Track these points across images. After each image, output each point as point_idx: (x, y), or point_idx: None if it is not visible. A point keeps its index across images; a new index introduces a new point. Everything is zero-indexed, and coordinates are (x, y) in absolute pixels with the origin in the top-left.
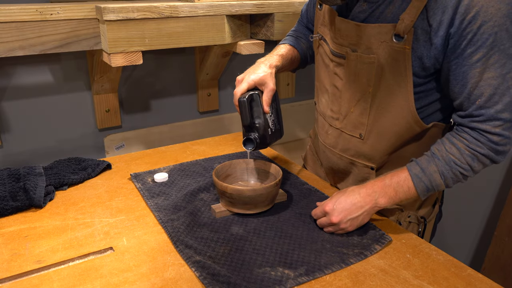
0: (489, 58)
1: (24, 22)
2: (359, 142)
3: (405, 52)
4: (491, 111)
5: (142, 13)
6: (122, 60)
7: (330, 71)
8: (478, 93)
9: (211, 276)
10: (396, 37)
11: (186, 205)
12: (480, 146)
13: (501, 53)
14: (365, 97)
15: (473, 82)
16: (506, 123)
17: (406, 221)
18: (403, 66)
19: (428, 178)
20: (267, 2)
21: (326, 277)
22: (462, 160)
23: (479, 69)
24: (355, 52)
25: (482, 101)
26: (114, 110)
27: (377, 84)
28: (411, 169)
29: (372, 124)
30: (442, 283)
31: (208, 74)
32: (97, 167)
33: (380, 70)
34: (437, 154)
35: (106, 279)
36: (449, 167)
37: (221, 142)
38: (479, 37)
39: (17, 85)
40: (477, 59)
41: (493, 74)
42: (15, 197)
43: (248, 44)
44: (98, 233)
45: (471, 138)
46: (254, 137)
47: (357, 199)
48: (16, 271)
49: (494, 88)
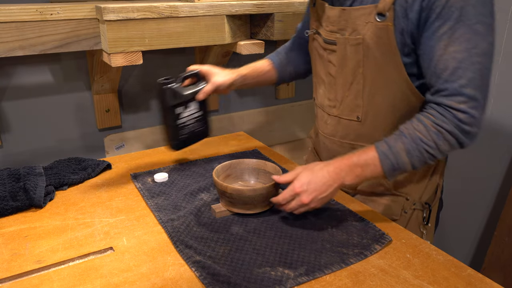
0: (455, 32)
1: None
2: (358, 124)
3: (388, 29)
4: (455, 85)
5: (142, 13)
6: (122, 60)
7: (324, 61)
8: (443, 67)
9: (211, 276)
10: (379, 16)
11: (186, 205)
12: (446, 122)
13: (466, 27)
14: (358, 78)
15: (438, 55)
16: (470, 100)
17: (411, 208)
18: (388, 42)
19: (395, 156)
20: (267, 2)
21: (326, 277)
22: (428, 137)
23: (444, 41)
24: (343, 36)
25: (447, 74)
26: (114, 110)
27: (367, 63)
28: (378, 147)
29: (368, 104)
30: (442, 283)
31: None
32: (97, 167)
33: (367, 49)
34: (405, 132)
35: (106, 279)
36: (416, 145)
37: (221, 142)
38: (446, 11)
39: (17, 85)
40: (443, 32)
41: (458, 48)
42: (15, 197)
43: (248, 44)
44: (98, 233)
45: (437, 113)
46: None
47: (326, 178)
48: (16, 271)
49: (458, 61)
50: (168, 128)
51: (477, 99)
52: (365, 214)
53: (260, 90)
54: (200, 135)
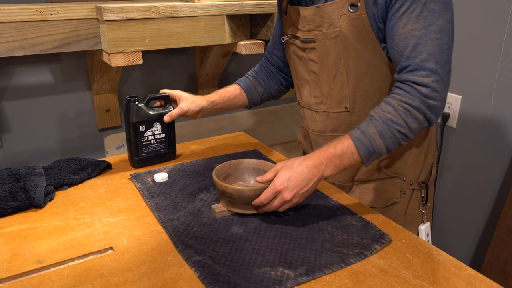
0: (413, 11)
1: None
2: (347, 115)
3: (362, 18)
4: (417, 60)
5: (142, 13)
6: (122, 60)
7: (305, 61)
8: (404, 45)
9: (211, 276)
10: (351, 7)
11: (186, 205)
12: (412, 99)
13: (423, 6)
14: (340, 70)
15: (399, 33)
16: (432, 74)
17: (409, 189)
18: (364, 30)
19: (369, 140)
20: (267, 2)
21: (326, 277)
22: (397, 116)
23: (403, 20)
24: (321, 31)
25: (408, 51)
26: (114, 110)
27: (347, 54)
28: (352, 134)
29: (354, 92)
30: (442, 283)
31: (208, 74)
32: (97, 167)
33: (345, 40)
34: (375, 116)
35: (106, 279)
36: (387, 126)
37: (221, 142)
38: None
39: (17, 85)
40: (402, 12)
41: (416, 26)
42: (15, 197)
43: (248, 44)
44: (98, 233)
45: (403, 92)
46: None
47: (305, 172)
48: (16, 271)
49: (417, 38)
50: (131, 144)
51: (438, 73)
52: (365, 214)
53: None
54: (162, 156)
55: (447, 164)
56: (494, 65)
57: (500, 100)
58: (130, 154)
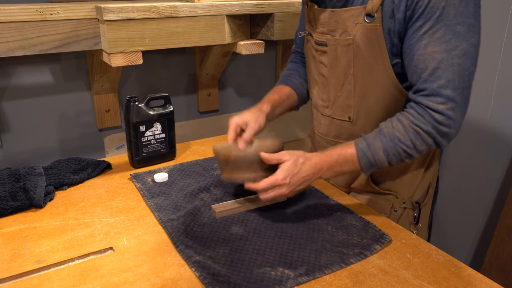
0: (435, 32)
1: (24, 22)
2: (350, 125)
3: (377, 30)
4: (434, 85)
5: (142, 13)
6: (122, 60)
7: (316, 62)
8: (423, 66)
9: (211, 276)
10: (368, 17)
11: (186, 205)
12: (424, 123)
13: (447, 28)
14: (349, 79)
15: (419, 54)
16: (449, 102)
17: (401, 207)
18: (377, 43)
19: (372, 154)
20: (267, 2)
21: (326, 277)
22: (406, 136)
23: (425, 41)
24: (334, 37)
25: (426, 74)
26: (114, 110)
27: (357, 64)
28: (358, 144)
29: (359, 105)
30: (442, 283)
31: (208, 74)
32: (97, 167)
33: (357, 50)
34: (384, 131)
35: (106, 279)
36: (393, 144)
37: (221, 142)
38: (428, 10)
39: (17, 85)
40: (424, 32)
41: (438, 49)
42: (15, 197)
43: (248, 44)
44: (98, 233)
45: (416, 113)
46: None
47: (307, 173)
48: (16, 271)
49: (437, 62)
50: (131, 144)
51: (456, 100)
52: (365, 214)
53: (260, 90)
54: (162, 156)
55: (447, 165)
56: (494, 65)
57: (500, 100)
58: (130, 154)
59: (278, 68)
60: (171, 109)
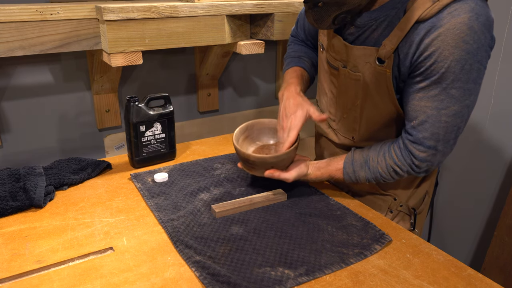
0: (430, 91)
1: (24, 22)
2: (352, 142)
3: (386, 75)
4: (420, 135)
5: (142, 13)
6: (122, 60)
7: (327, 78)
8: (414, 115)
9: (211, 276)
10: (379, 60)
11: (186, 205)
12: (404, 165)
13: (442, 90)
14: (355, 107)
15: (413, 103)
16: (429, 150)
17: (397, 210)
18: (385, 85)
19: (356, 178)
20: (267, 2)
21: (326, 277)
22: (387, 173)
23: (420, 94)
24: (345, 68)
25: (416, 123)
26: (114, 110)
27: (364, 99)
28: (345, 167)
29: (364, 130)
30: (442, 283)
31: (208, 74)
32: (97, 167)
33: (365, 86)
34: (370, 163)
35: (106, 279)
36: (375, 176)
37: (221, 142)
38: (428, 72)
39: (17, 85)
40: (421, 87)
41: (430, 105)
42: (15, 197)
43: (248, 44)
44: (98, 233)
45: (400, 156)
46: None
47: (309, 175)
48: (16, 271)
49: (427, 116)
50: (131, 144)
51: (438, 149)
52: (365, 214)
53: (260, 90)
54: (162, 156)
55: (447, 165)
56: (494, 65)
57: (500, 100)
58: (130, 154)
59: (278, 68)
60: (171, 109)
